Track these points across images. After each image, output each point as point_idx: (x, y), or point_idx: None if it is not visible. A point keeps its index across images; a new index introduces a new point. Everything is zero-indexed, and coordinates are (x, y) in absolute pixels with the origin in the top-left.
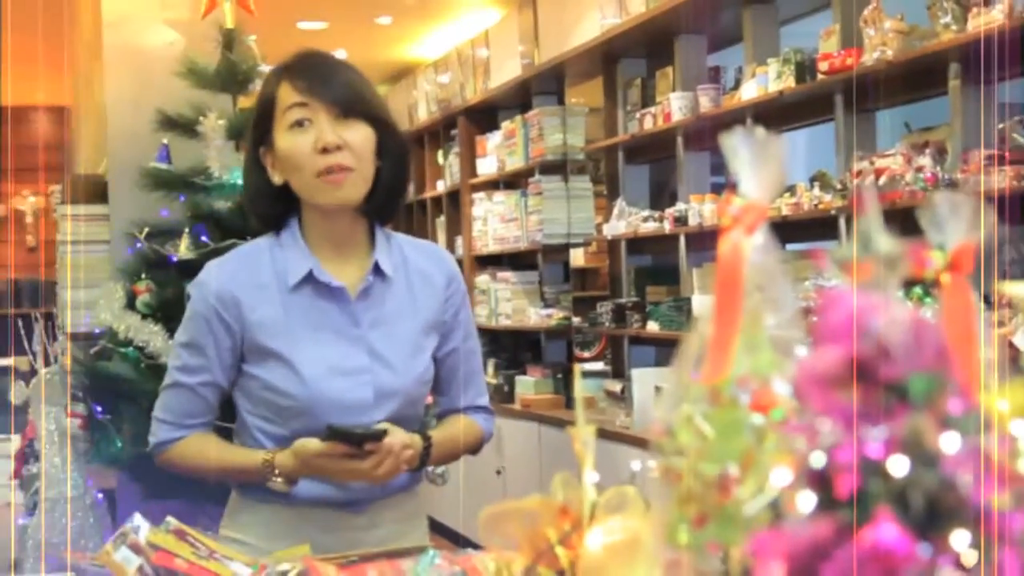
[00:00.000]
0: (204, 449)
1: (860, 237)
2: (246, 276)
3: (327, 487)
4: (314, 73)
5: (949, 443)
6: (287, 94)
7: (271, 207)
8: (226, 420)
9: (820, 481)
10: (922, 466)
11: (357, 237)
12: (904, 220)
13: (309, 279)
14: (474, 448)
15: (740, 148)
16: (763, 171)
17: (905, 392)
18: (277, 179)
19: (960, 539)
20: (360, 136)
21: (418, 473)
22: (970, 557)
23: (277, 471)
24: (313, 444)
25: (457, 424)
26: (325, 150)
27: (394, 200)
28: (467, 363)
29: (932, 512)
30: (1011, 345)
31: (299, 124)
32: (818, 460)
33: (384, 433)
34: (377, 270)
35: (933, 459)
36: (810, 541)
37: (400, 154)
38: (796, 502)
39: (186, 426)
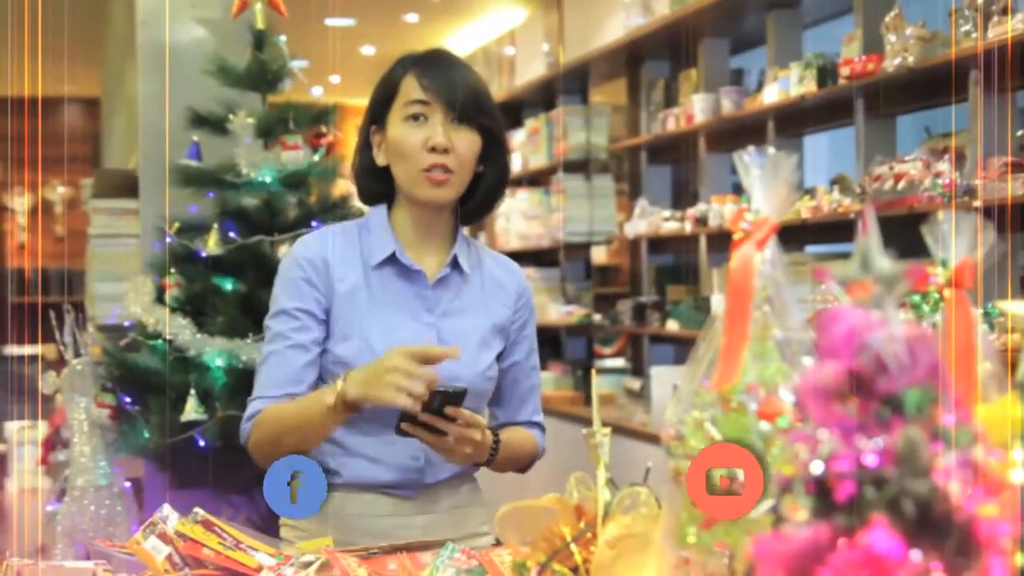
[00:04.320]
0: (275, 411)
1: (860, 257)
2: (339, 246)
3: (377, 469)
4: (441, 75)
5: (941, 454)
6: (411, 87)
7: (372, 184)
8: None
9: (819, 488)
10: (914, 476)
11: (441, 231)
12: (921, 225)
13: (391, 261)
14: (528, 462)
15: (752, 165)
16: (774, 188)
17: (900, 405)
18: (381, 160)
19: (950, 546)
20: (467, 143)
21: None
22: (959, 563)
23: (348, 398)
24: (380, 361)
25: (515, 433)
26: (434, 150)
27: (487, 205)
28: (529, 378)
29: (924, 520)
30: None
31: (415, 118)
32: (817, 468)
33: (465, 393)
34: (455, 264)
35: (925, 469)
36: (808, 545)
37: (502, 164)
38: (796, 507)
39: (270, 396)
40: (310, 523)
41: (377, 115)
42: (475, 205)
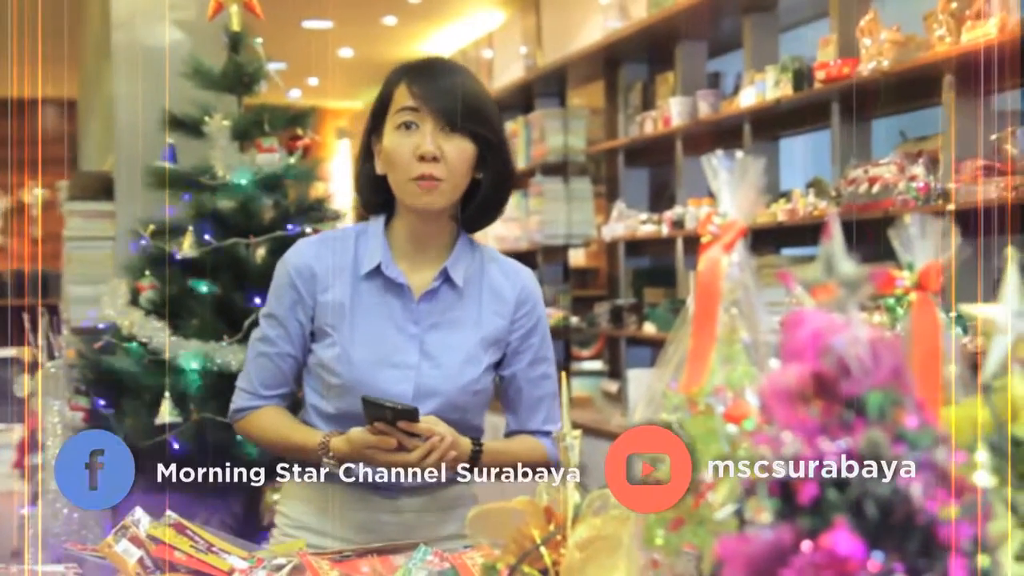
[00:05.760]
0: (273, 423)
1: (824, 260)
2: (328, 256)
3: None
4: (432, 82)
5: (902, 456)
6: (402, 95)
7: (372, 194)
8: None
9: (783, 489)
10: (876, 477)
11: (441, 240)
12: (889, 229)
13: (379, 271)
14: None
15: (720, 168)
16: (741, 191)
17: (863, 407)
18: (379, 169)
19: (912, 547)
20: (459, 150)
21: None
22: (922, 565)
23: (331, 453)
24: (366, 435)
25: (519, 441)
26: (422, 158)
27: (489, 213)
28: (536, 388)
29: (886, 521)
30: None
31: (406, 126)
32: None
33: (416, 412)
34: (446, 276)
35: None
36: (773, 546)
37: (502, 172)
38: (761, 509)
39: (262, 396)
40: (302, 512)
41: (376, 125)
42: (474, 213)
